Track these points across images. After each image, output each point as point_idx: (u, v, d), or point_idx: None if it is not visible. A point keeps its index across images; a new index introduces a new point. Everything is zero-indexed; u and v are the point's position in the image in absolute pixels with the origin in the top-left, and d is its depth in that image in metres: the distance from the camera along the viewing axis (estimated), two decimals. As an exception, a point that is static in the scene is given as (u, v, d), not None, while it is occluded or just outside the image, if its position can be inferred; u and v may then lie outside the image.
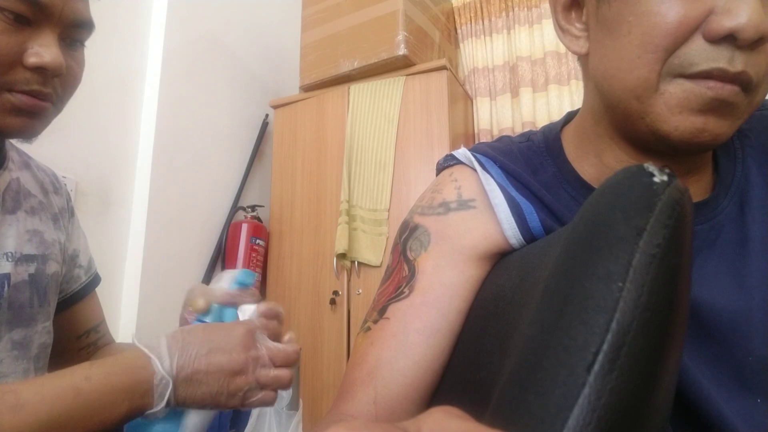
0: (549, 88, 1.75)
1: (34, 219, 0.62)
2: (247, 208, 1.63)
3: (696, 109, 0.37)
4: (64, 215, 0.69)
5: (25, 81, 0.49)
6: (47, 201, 0.66)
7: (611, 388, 0.17)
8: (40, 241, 0.62)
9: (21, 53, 0.49)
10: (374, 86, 1.57)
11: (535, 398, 0.18)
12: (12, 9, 0.47)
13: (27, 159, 0.67)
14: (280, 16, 1.93)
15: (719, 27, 0.34)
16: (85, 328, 0.72)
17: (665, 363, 0.19)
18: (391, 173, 1.50)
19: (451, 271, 0.45)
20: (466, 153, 0.50)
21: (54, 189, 0.69)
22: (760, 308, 0.39)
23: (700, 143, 0.37)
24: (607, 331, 0.18)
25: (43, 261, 0.62)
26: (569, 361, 0.18)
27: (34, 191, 0.64)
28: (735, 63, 0.35)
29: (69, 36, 0.53)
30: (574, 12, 0.45)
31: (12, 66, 0.49)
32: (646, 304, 0.19)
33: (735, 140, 0.46)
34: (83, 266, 0.72)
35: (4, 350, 0.55)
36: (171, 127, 1.41)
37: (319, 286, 1.53)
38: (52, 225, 0.65)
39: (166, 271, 1.36)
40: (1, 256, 0.56)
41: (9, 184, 0.60)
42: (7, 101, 0.49)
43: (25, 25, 0.49)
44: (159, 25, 1.42)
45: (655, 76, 0.37)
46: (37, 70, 0.49)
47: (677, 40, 0.36)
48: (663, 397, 0.20)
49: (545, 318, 0.21)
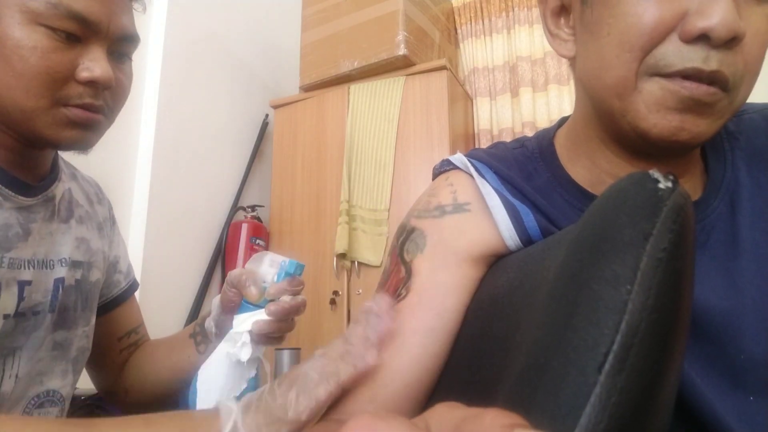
0: (549, 88, 1.76)
1: (82, 227, 0.65)
2: (247, 208, 1.63)
3: (673, 108, 0.38)
4: (107, 224, 0.73)
5: (78, 95, 0.52)
6: (92, 211, 0.69)
7: (621, 387, 0.18)
8: (87, 249, 0.65)
9: (73, 69, 0.52)
10: (374, 86, 1.57)
11: (546, 397, 0.19)
12: (63, 28, 0.51)
13: (73, 170, 0.71)
14: (280, 16, 1.93)
15: (692, 27, 0.36)
16: (125, 329, 0.75)
17: (670, 362, 0.20)
18: (391, 173, 1.50)
19: (446, 272, 0.46)
20: (462, 158, 0.51)
21: (98, 199, 0.73)
22: (751, 307, 0.40)
23: (679, 141, 0.38)
24: (617, 332, 0.18)
25: (88, 268, 0.65)
26: (580, 362, 0.18)
27: (82, 201, 0.68)
28: (709, 62, 0.36)
29: (116, 50, 0.57)
30: (562, 18, 0.47)
31: (65, 81, 0.52)
32: (654, 306, 0.19)
33: (725, 142, 0.47)
34: (123, 272, 0.76)
35: (45, 350, 0.58)
36: (171, 127, 1.41)
37: (319, 286, 1.53)
38: (97, 234, 0.68)
39: (166, 271, 1.36)
40: (57, 262, 0.60)
41: (63, 194, 0.63)
42: (63, 115, 0.52)
43: (76, 42, 0.52)
44: (159, 25, 1.42)
45: (632, 75, 0.39)
46: (88, 84, 0.53)
47: (653, 40, 0.37)
48: (668, 395, 0.20)
49: (554, 320, 0.21)
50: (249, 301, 0.57)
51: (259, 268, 0.59)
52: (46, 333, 0.58)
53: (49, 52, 0.50)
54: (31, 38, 0.50)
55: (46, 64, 0.50)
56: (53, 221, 0.60)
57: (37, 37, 0.50)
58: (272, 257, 0.60)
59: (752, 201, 0.43)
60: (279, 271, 0.58)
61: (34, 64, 0.50)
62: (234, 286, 0.58)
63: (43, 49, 0.50)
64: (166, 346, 0.75)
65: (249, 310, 0.57)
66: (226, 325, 0.60)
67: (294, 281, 0.58)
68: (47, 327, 0.58)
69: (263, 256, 0.60)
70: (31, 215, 0.57)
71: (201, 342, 0.69)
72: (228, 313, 0.59)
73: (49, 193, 0.60)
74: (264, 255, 0.60)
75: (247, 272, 0.58)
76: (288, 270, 0.58)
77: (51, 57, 0.50)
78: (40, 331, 0.57)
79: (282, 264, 0.58)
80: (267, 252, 0.61)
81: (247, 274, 0.57)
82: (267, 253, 0.60)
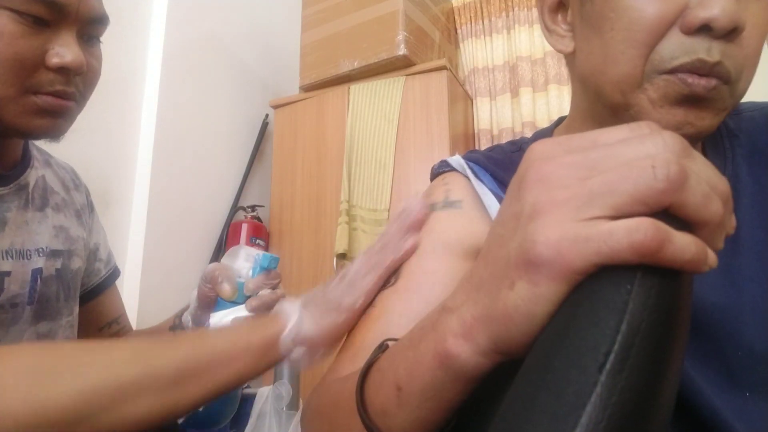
0: (549, 87, 1.76)
1: (59, 215, 0.63)
2: (247, 208, 1.63)
3: (676, 103, 0.38)
4: (86, 211, 0.71)
5: (49, 82, 0.50)
6: (69, 198, 0.67)
7: (622, 387, 0.18)
8: (66, 237, 0.64)
9: (42, 55, 0.49)
10: (374, 86, 1.57)
11: (547, 396, 0.19)
12: (30, 12, 0.48)
13: (47, 157, 0.68)
14: (280, 16, 1.93)
15: (694, 18, 0.36)
16: (106, 319, 0.74)
17: (671, 362, 0.20)
18: (391, 173, 1.50)
19: (434, 260, 0.46)
20: (460, 160, 0.51)
21: (74, 186, 0.70)
22: (749, 304, 0.40)
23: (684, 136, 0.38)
24: (618, 332, 0.18)
25: (68, 256, 0.63)
26: (581, 361, 0.18)
27: (57, 188, 0.66)
28: (712, 53, 0.36)
29: (86, 33, 0.54)
30: (560, 14, 0.47)
31: (35, 68, 0.49)
32: (654, 305, 0.19)
33: (725, 140, 0.47)
34: (103, 259, 0.74)
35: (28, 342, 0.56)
36: (171, 127, 1.41)
37: (320, 285, 1.53)
38: (76, 221, 0.67)
39: (166, 271, 1.36)
40: (34, 252, 0.58)
41: (36, 181, 0.61)
42: (33, 103, 0.50)
43: (44, 26, 0.49)
44: (159, 25, 1.42)
45: (639, 72, 0.39)
46: (59, 70, 0.50)
47: (656, 35, 0.38)
48: (668, 395, 0.20)
49: (554, 320, 0.21)
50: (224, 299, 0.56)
51: (234, 262, 0.59)
52: (26, 326, 0.57)
53: (16, 38, 0.47)
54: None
55: (14, 50, 0.48)
56: (28, 210, 0.59)
57: (2, 22, 0.47)
58: (247, 251, 0.59)
59: (753, 198, 0.43)
60: (254, 265, 0.57)
61: (1, 50, 0.47)
62: (208, 282, 0.57)
63: (9, 35, 0.47)
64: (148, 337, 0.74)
65: (225, 307, 0.56)
66: (202, 320, 0.60)
67: (270, 275, 0.57)
68: (27, 319, 0.57)
69: (238, 250, 0.59)
70: (5, 204, 0.55)
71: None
72: (204, 308, 0.59)
73: (21, 181, 0.58)
74: (239, 249, 0.59)
75: (221, 268, 0.57)
76: (262, 264, 0.57)
77: (18, 43, 0.48)
78: (20, 324, 0.56)
79: (256, 258, 0.57)
80: (242, 246, 0.60)
81: (221, 270, 0.57)
82: (242, 247, 0.60)
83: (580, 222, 0.21)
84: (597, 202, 0.21)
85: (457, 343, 0.25)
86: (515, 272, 0.22)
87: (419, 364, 0.27)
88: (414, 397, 0.28)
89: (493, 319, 0.23)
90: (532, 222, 0.22)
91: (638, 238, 0.19)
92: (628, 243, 0.19)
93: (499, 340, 0.23)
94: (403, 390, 0.29)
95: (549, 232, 0.21)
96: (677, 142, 0.21)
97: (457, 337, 0.25)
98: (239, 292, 0.56)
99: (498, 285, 0.23)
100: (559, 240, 0.21)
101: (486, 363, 0.24)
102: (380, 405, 0.30)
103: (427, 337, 0.28)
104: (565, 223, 0.21)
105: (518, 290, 0.22)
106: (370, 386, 0.32)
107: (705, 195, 0.21)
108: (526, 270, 0.22)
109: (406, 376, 0.28)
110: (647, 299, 0.19)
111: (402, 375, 0.29)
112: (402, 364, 0.29)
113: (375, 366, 0.33)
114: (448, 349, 0.25)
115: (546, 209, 0.22)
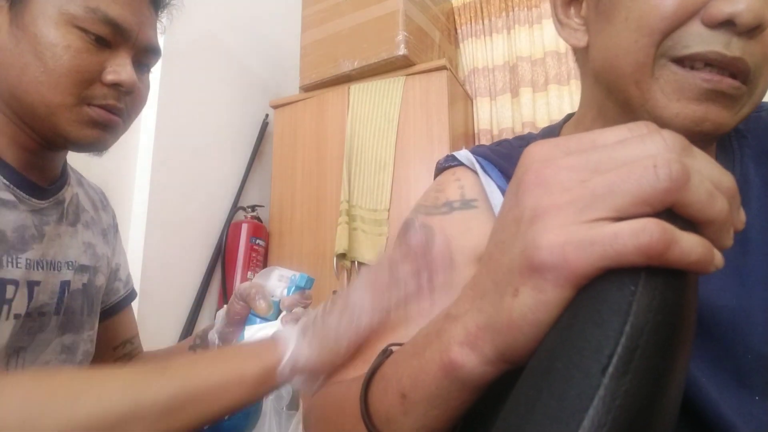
0: (549, 88, 1.75)
1: (88, 232, 0.67)
2: (247, 208, 1.63)
3: (694, 98, 0.37)
4: (111, 231, 0.74)
5: (102, 96, 0.55)
6: (98, 216, 0.71)
7: (625, 390, 0.17)
8: (93, 254, 0.67)
9: (100, 71, 0.55)
10: (374, 86, 1.57)
11: (550, 399, 0.18)
12: (95, 31, 0.53)
13: (79, 177, 0.72)
14: (280, 16, 1.93)
15: (718, 12, 0.35)
16: (121, 339, 0.76)
17: (676, 364, 0.20)
18: (391, 173, 1.50)
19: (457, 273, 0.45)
20: (468, 155, 0.51)
21: (102, 206, 0.74)
22: (759, 306, 0.39)
23: (702, 132, 0.37)
24: (621, 334, 0.18)
25: (94, 273, 0.66)
26: (583, 364, 0.18)
27: (87, 207, 0.69)
28: (732, 48, 0.35)
29: (139, 60, 0.59)
30: (573, 7, 0.46)
31: (92, 82, 0.54)
32: (658, 307, 0.19)
33: (733, 141, 0.47)
34: (122, 280, 0.77)
35: (53, 353, 0.59)
36: (171, 126, 1.41)
37: (319, 286, 1.52)
38: (102, 240, 0.70)
39: (166, 271, 1.36)
40: (64, 265, 0.61)
41: (71, 198, 0.65)
42: (86, 114, 0.55)
43: (105, 46, 0.55)
44: (159, 25, 1.42)
45: (650, 60, 0.38)
46: (113, 86, 0.55)
47: (673, 23, 0.37)
48: (673, 398, 0.20)
49: (558, 322, 0.21)
50: (257, 314, 0.57)
51: (267, 282, 0.61)
52: (52, 335, 0.58)
53: (80, 53, 0.53)
54: (66, 38, 0.52)
55: (77, 63, 0.53)
56: (62, 224, 0.61)
57: (71, 38, 0.52)
58: (281, 272, 0.62)
59: (761, 199, 0.43)
60: (290, 285, 0.60)
61: (66, 62, 0.52)
62: (243, 299, 0.59)
63: (75, 49, 0.52)
64: (163, 358, 0.75)
65: (256, 322, 0.58)
66: (230, 338, 0.61)
67: (305, 294, 0.60)
68: (53, 329, 0.58)
69: (271, 271, 0.62)
70: (44, 218, 0.58)
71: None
72: (234, 325, 0.60)
73: (59, 196, 0.61)
74: (272, 270, 0.62)
75: (256, 286, 0.59)
76: (299, 283, 0.60)
77: (82, 57, 0.53)
78: (45, 333, 0.58)
79: (292, 278, 0.60)
80: (275, 267, 0.63)
81: (257, 288, 0.59)
82: (275, 268, 0.63)
83: (583, 224, 0.20)
84: (599, 204, 0.20)
85: (462, 352, 0.25)
86: (519, 279, 0.22)
87: (424, 372, 0.27)
88: (419, 405, 0.28)
89: (498, 328, 0.23)
90: (533, 226, 0.21)
91: (644, 240, 0.19)
92: (633, 245, 0.19)
93: (505, 349, 0.23)
94: (407, 398, 0.28)
95: (552, 237, 0.21)
96: (677, 140, 0.21)
97: (462, 346, 0.25)
98: (274, 309, 0.58)
99: (502, 293, 0.23)
100: (563, 244, 0.20)
101: (492, 371, 0.24)
102: (385, 412, 0.30)
103: (431, 346, 0.27)
104: (568, 227, 0.20)
105: (523, 298, 0.22)
106: (374, 393, 0.32)
107: (709, 193, 0.20)
108: (530, 277, 0.21)
109: (410, 385, 0.28)
110: (652, 300, 0.19)
111: (406, 383, 0.29)
112: (406, 372, 0.29)
113: (379, 373, 0.33)
114: (453, 358, 0.25)
115: (547, 213, 0.21)
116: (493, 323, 0.23)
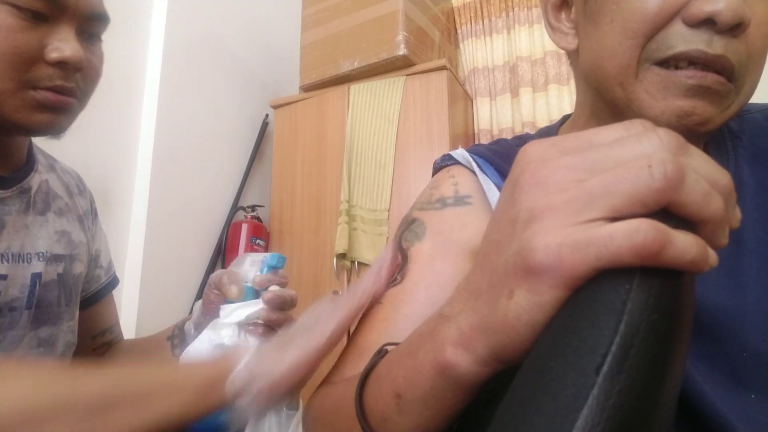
0: (549, 87, 1.75)
1: (62, 220, 0.63)
2: (247, 208, 1.63)
3: (680, 95, 0.37)
4: (89, 217, 0.70)
5: (48, 77, 0.50)
6: (73, 203, 0.67)
7: (620, 389, 0.17)
8: (68, 242, 0.63)
9: (41, 49, 0.49)
10: (374, 86, 1.57)
11: (544, 398, 0.18)
12: (28, 6, 0.48)
13: (52, 162, 0.68)
14: (280, 16, 1.93)
15: (698, 11, 0.35)
16: (100, 328, 0.73)
17: (672, 364, 0.20)
18: (391, 173, 1.50)
19: (444, 262, 0.45)
20: (464, 154, 0.51)
21: (79, 191, 0.70)
22: (754, 305, 0.39)
23: (688, 126, 0.38)
24: (616, 333, 0.18)
25: (70, 261, 0.63)
26: (578, 363, 0.18)
27: (61, 193, 0.65)
28: (714, 46, 0.36)
29: (86, 30, 0.54)
30: (563, 12, 0.47)
31: (33, 63, 0.49)
32: (654, 306, 0.19)
33: (727, 141, 0.47)
34: (103, 267, 0.74)
35: (27, 347, 0.56)
36: (171, 126, 1.41)
37: (319, 286, 1.53)
38: (78, 226, 0.66)
39: (166, 271, 1.36)
40: (34, 256, 0.57)
41: (39, 186, 0.61)
42: (32, 98, 0.50)
43: (42, 21, 0.49)
44: (159, 25, 1.42)
45: (634, 62, 0.38)
46: (58, 65, 0.50)
47: (656, 25, 0.37)
48: (669, 397, 0.20)
49: (553, 320, 0.21)
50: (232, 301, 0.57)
51: (240, 268, 0.60)
52: (25, 330, 0.56)
53: (14, 32, 0.47)
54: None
55: (12, 44, 0.47)
56: (29, 214, 0.58)
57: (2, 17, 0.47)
58: (253, 257, 0.61)
59: (756, 199, 0.43)
60: (261, 266, 0.59)
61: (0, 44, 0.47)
62: (216, 287, 0.58)
63: (8, 28, 0.47)
64: (141, 347, 0.73)
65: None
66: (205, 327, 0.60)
67: (279, 273, 0.58)
68: (25, 324, 0.56)
69: (244, 258, 0.61)
70: (6, 207, 0.55)
71: (177, 345, 0.68)
72: (208, 315, 0.59)
73: (24, 184, 0.58)
74: (245, 257, 0.62)
75: (228, 272, 0.58)
76: (270, 263, 0.58)
77: (17, 36, 0.47)
78: (18, 329, 0.55)
79: (263, 260, 0.59)
80: (248, 254, 0.62)
81: (228, 274, 0.57)
82: (248, 255, 0.62)
83: (579, 226, 0.20)
84: (595, 205, 0.20)
85: (456, 352, 0.25)
86: (514, 281, 0.22)
87: (418, 372, 0.27)
88: (414, 405, 0.28)
89: (492, 329, 0.23)
90: (529, 228, 0.21)
91: (638, 241, 0.19)
92: (628, 246, 0.19)
93: (500, 350, 0.23)
94: (402, 398, 0.28)
95: (548, 238, 0.21)
96: (673, 138, 0.21)
97: (456, 346, 0.25)
98: (246, 293, 0.57)
99: (496, 294, 0.23)
100: (559, 246, 0.20)
101: (486, 371, 0.24)
102: (380, 412, 0.30)
103: (425, 346, 0.27)
104: (563, 228, 0.20)
105: (518, 299, 0.21)
106: (369, 393, 0.32)
107: (704, 193, 0.20)
108: (525, 278, 0.21)
109: (405, 385, 0.28)
110: (647, 300, 0.19)
111: (401, 383, 0.29)
112: (401, 372, 0.29)
113: (374, 373, 0.33)
114: (448, 358, 0.25)
115: (543, 214, 0.21)
116: (487, 324, 0.23)
